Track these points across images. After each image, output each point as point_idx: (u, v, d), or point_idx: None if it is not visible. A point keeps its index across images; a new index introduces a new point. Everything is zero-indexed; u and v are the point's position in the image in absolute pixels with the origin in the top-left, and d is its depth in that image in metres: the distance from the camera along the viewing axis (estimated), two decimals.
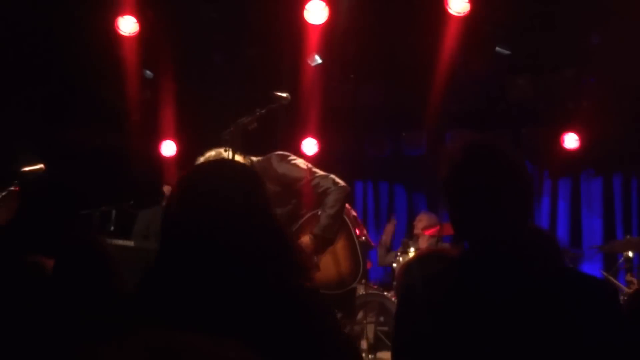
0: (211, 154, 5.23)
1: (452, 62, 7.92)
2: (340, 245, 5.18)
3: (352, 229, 5.21)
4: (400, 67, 8.52)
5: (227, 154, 5.03)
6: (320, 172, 5.28)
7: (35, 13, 7.83)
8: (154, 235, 7.21)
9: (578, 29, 7.94)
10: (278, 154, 5.36)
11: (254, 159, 5.36)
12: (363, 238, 5.35)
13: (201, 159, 5.17)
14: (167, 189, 7.68)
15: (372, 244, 7.54)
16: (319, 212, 5.16)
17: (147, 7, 7.86)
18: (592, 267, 8.76)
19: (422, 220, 8.94)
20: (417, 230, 8.94)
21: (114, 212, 7.21)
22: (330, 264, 5.14)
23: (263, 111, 5.24)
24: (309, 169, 5.27)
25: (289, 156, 5.36)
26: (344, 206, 5.21)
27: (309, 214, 5.27)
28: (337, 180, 5.23)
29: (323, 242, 5.10)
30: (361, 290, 7.53)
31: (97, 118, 8.98)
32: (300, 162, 5.34)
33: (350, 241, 5.19)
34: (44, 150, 8.01)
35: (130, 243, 6.41)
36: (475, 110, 9.34)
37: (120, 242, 6.20)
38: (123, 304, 2.21)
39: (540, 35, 8.10)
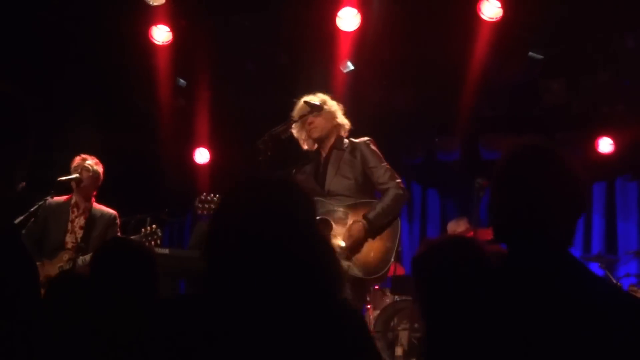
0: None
1: (485, 67, 7.90)
2: (381, 242, 5.27)
3: (398, 236, 5.33)
4: (432, 72, 8.49)
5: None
6: (392, 172, 5.42)
7: (69, 23, 7.92)
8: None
9: (612, 31, 7.87)
10: (367, 139, 5.54)
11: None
12: None
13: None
14: None
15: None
16: (374, 203, 5.32)
17: (180, 16, 7.93)
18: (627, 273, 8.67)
19: (460, 226, 8.81)
20: None
21: (148, 219, 7.24)
22: (364, 251, 5.23)
23: (296, 119, 5.29)
24: (385, 164, 5.44)
25: (372, 143, 5.54)
26: (399, 207, 5.41)
27: (365, 200, 5.39)
28: (401, 185, 5.40)
29: (371, 228, 5.22)
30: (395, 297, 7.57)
31: (131, 126, 9.06)
32: (379, 154, 5.50)
33: (391, 243, 5.28)
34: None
35: (165, 250, 6.47)
36: (509, 115, 9.28)
37: (156, 249, 6.23)
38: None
39: (573, 39, 8.04)
